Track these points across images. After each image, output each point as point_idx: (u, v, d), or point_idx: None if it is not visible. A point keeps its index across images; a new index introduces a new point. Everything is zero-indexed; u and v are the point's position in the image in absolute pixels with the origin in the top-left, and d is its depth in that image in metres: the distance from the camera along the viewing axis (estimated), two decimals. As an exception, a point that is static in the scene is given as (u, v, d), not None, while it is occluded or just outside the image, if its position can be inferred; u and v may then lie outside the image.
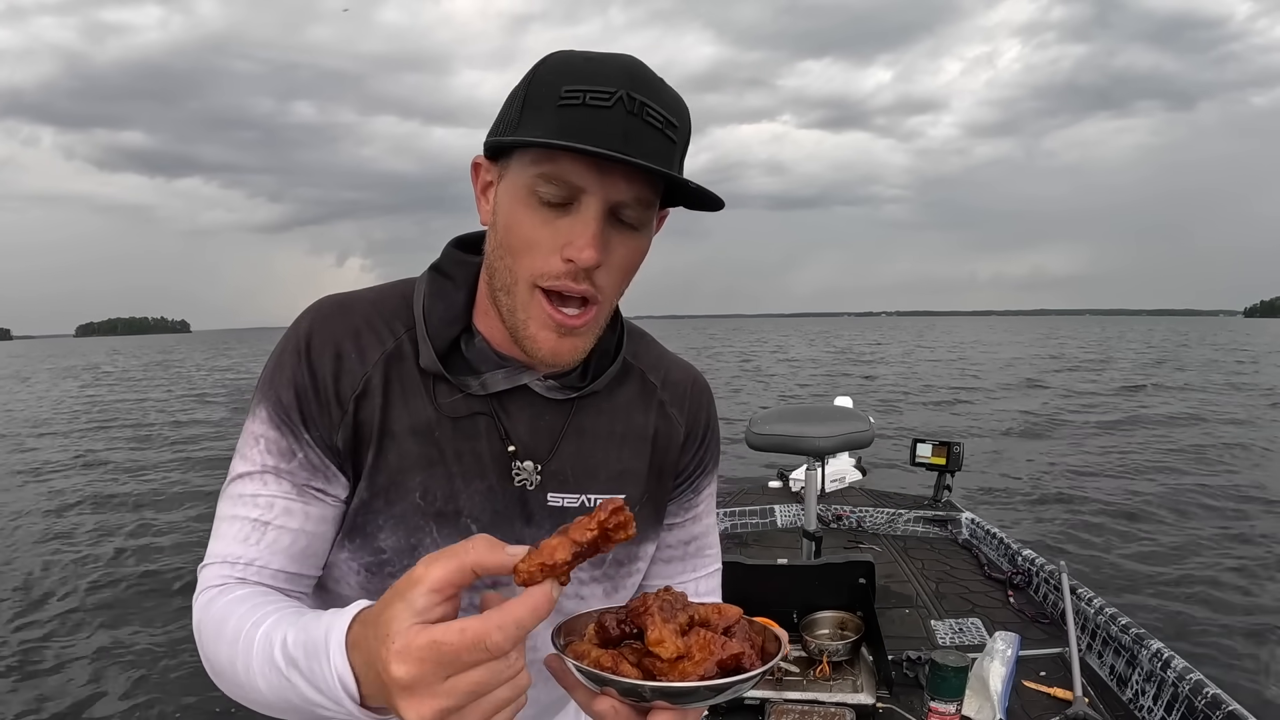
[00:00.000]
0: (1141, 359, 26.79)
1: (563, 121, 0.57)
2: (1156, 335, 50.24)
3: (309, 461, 0.65)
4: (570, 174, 0.58)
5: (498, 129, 0.63)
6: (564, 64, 0.60)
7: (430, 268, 0.71)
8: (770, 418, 2.47)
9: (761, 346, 38.62)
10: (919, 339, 49.85)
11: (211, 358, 37.61)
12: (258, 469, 0.64)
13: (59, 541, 6.04)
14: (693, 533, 0.81)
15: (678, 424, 0.76)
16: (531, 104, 0.59)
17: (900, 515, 3.41)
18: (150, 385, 22.60)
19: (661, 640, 0.45)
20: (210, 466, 8.87)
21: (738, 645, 0.46)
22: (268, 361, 0.68)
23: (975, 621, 2.38)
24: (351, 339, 0.66)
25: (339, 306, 0.68)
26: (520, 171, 0.60)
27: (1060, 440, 10.05)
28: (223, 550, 0.64)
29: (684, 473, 0.78)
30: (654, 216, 0.65)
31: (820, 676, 1.87)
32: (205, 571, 0.65)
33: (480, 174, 0.66)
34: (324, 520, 0.66)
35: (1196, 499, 6.85)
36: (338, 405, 0.65)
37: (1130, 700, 1.88)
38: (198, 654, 0.63)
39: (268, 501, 0.64)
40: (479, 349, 0.69)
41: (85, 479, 8.52)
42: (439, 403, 0.67)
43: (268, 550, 0.64)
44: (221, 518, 0.65)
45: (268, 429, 0.65)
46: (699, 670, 0.44)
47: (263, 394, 0.66)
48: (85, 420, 14.20)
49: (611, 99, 0.57)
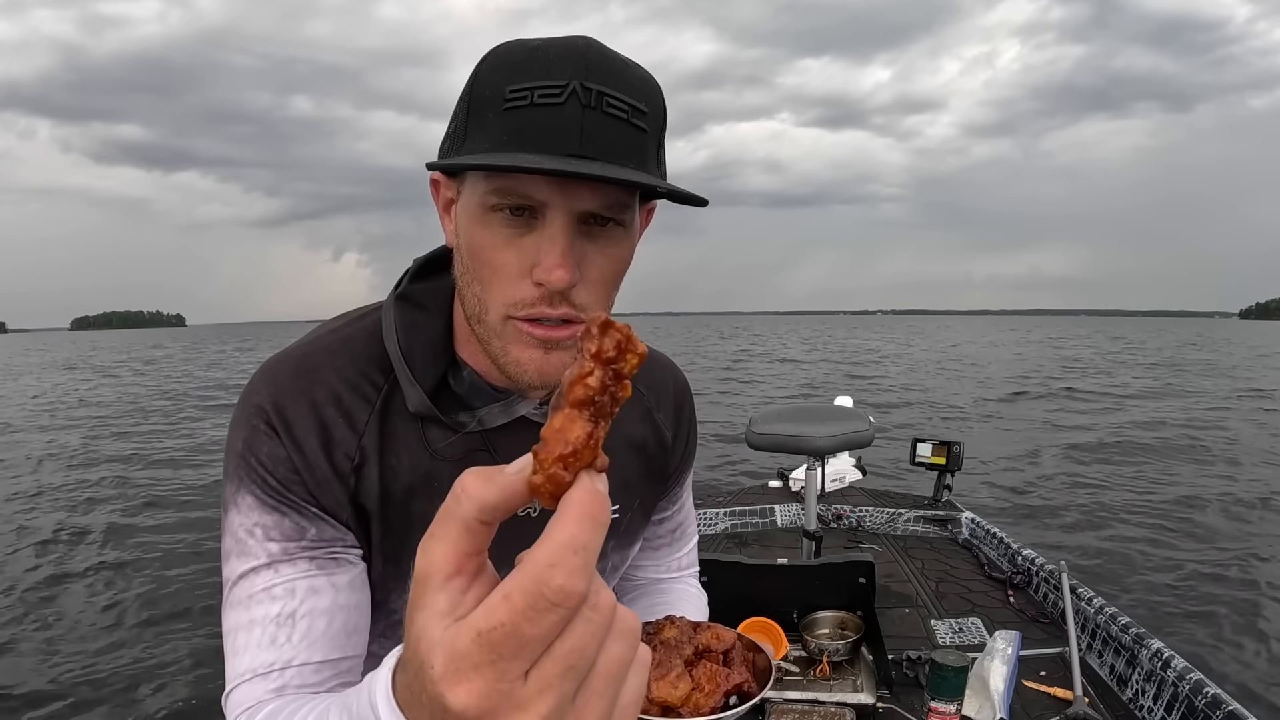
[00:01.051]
0: (1143, 359, 26.78)
1: (509, 127, 0.50)
2: (1156, 337, 50.24)
3: (322, 535, 0.58)
4: (526, 187, 0.51)
5: (446, 142, 0.57)
6: (506, 59, 0.52)
7: (397, 297, 0.64)
8: (770, 417, 2.47)
9: (755, 346, 38.53)
10: (919, 338, 49.81)
11: (192, 356, 36.42)
12: (264, 561, 0.56)
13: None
14: (678, 520, 0.84)
15: (665, 429, 0.76)
16: (475, 111, 0.52)
17: (900, 515, 3.41)
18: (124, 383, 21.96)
19: (666, 698, 0.47)
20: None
21: (739, 675, 0.50)
22: (230, 444, 0.59)
23: (975, 621, 2.38)
24: (333, 405, 0.59)
25: (303, 370, 0.59)
26: (474, 188, 0.54)
27: (1061, 439, 10.04)
28: (248, 664, 0.55)
29: (673, 474, 0.80)
30: (634, 215, 0.57)
31: (820, 676, 1.87)
32: (233, 696, 0.56)
33: (440, 191, 0.60)
34: (354, 586, 0.59)
35: (1198, 498, 6.85)
36: (338, 482, 0.58)
37: (1130, 700, 1.88)
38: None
39: (286, 589, 0.56)
40: (469, 383, 0.63)
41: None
42: (434, 449, 0.61)
43: (303, 644, 0.55)
44: (235, 629, 0.56)
45: (261, 516, 0.57)
46: (710, 702, 0.48)
47: (242, 480, 0.58)
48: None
49: (563, 93, 0.49)
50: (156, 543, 5.64)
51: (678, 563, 0.83)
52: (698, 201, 0.56)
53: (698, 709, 0.47)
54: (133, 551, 5.44)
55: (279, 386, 0.58)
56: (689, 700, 0.48)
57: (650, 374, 0.74)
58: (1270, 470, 8.05)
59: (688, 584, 0.86)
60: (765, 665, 0.54)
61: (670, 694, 0.47)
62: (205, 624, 4.10)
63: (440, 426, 0.61)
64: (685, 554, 0.85)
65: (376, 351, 0.61)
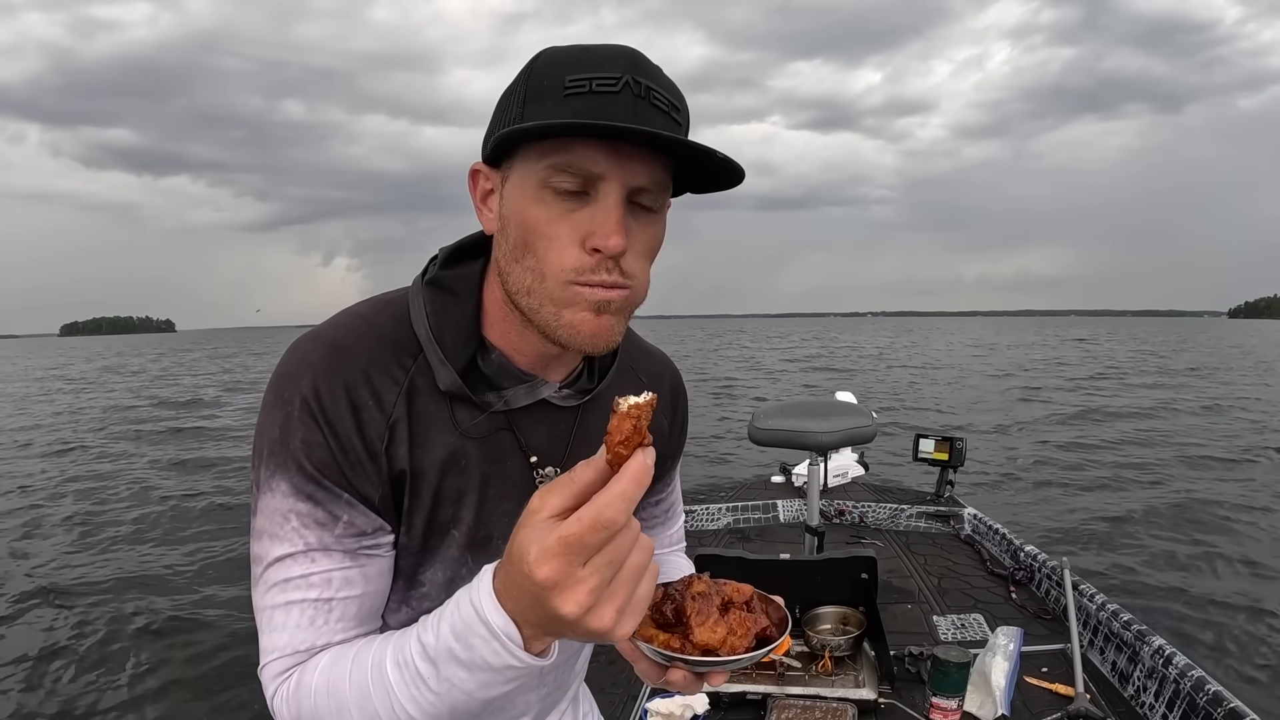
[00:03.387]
0: (1139, 359, 26.72)
1: (572, 109, 0.55)
2: (1154, 338, 49.99)
3: (354, 525, 0.61)
4: (586, 161, 0.55)
5: (489, 133, 0.61)
6: (561, 56, 0.58)
7: (426, 282, 0.67)
8: (772, 413, 2.47)
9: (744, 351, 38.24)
10: (906, 336, 49.67)
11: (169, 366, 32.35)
12: (301, 549, 0.60)
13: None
14: (670, 500, 0.91)
15: (663, 418, 0.82)
16: (533, 98, 0.57)
17: (903, 510, 3.41)
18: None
19: (707, 641, 0.56)
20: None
21: (765, 620, 0.59)
22: (264, 426, 0.61)
23: (977, 617, 2.38)
24: (364, 385, 0.61)
25: (334, 350, 0.62)
26: (529, 167, 0.58)
27: (1063, 437, 10.03)
28: (287, 641, 0.60)
29: (669, 458, 0.86)
30: (668, 200, 0.62)
31: (822, 672, 1.88)
32: (270, 667, 0.61)
33: (479, 182, 0.64)
34: (382, 574, 0.64)
35: (1199, 497, 6.84)
36: (370, 461, 0.61)
37: (1132, 697, 1.88)
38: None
39: (324, 579, 0.60)
40: (498, 364, 0.66)
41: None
42: (462, 427, 0.65)
43: (338, 626, 0.61)
44: (272, 607, 0.60)
45: (296, 503, 0.60)
46: (743, 643, 0.57)
47: (276, 465, 0.60)
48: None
49: (618, 84, 0.56)
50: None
51: (669, 539, 0.91)
52: (732, 176, 0.60)
53: (735, 650, 0.56)
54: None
55: (312, 368, 0.61)
56: (725, 642, 0.56)
57: (649, 368, 0.81)
58: (1270, 471, 8.04)
59: (679, 557, 0.95)
60: (782, 614, 0.61)
61: (710, 637, 0.56)
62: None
63: (468, 406, 0.65)
64: (676, 530, 0.92)
65: (404, 335, 0.64)
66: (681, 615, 0.57)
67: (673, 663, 0.57)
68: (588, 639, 0.48)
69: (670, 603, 0.58)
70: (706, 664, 0.56)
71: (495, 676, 0.51)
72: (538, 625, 0.48)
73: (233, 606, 4.36)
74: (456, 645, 0.50)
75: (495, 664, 0.50)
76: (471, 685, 0.51)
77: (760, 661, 1.97)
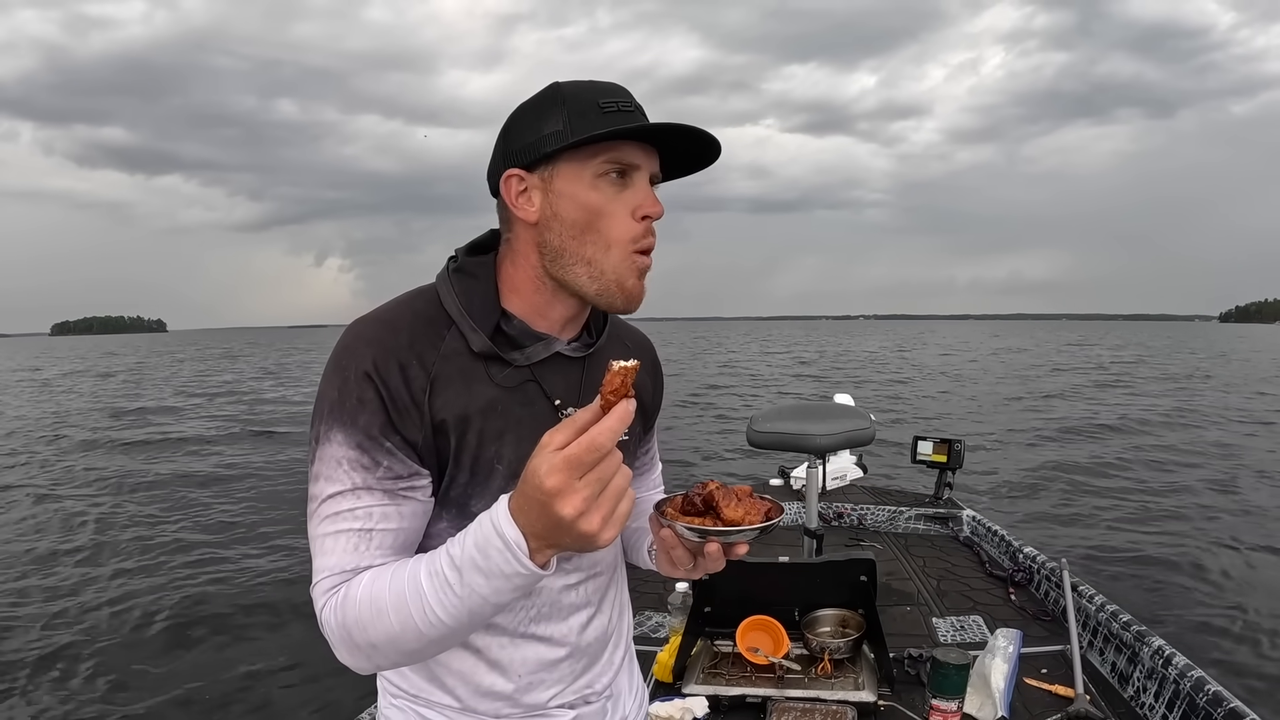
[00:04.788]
0: (1135, 365, 26.76)
1: (612, 122, 0.74)
2: (1152, 342, 50.03)
3: (393, 470, 0.74)
4: (629, 156, 0.77)
5: (532, 146, 0.77)
6: (581, 87, 0.78)
7: (452, 271, 0.82)
8: (771, 415, 2.47)
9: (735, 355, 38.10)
10: (911, 340, 49.70)
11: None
12: (348, 487, 0.73)
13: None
14: (653, 449, 1.08)
15: (645, 376, 0.97)
16: (576, 115, 0.75)
17: (901, 513, 3.41)
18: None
19: (733, 518, 0.73)
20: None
21: (767, 504, 0.75)
22: (324, 391, 0.76)
23: (977, 619, 2.38)
24: (409, 349, 0.76)
25: (384, 325, 0.78)
26: (581, 165, 0.76)
27: (1062, 437, 10.05)
28: (335, 563, 0.73)
29: (653, 413, 1.02)
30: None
31: (822, 674, 1.87)
32: (321, 585, 0.73)
33: (513, 184, 0.79)
34: (415, 515, 0.77)
35: (1198, 497, 6.85)
36: (415, 409, 0.75)
37: (1132, 698, 1.88)
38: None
39: (366, 513, 0.73)
40: (518, 326, 0.82)
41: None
42: (496, 380, 0.79)
43: (377, 552, 0.73)
44: (323, 535, 0.74)
45: (347, 451, 0.73)
46: (757, 520, 0.73)
47: (334, 419, 0.74)
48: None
49: (633, 106, 0.77)
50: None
51: (652, 482, 1.08)
52: (711, 154, 0.81)
53: (752, 523, 0.72)
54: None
55: (366, 341, 0.76)
56: (745, 519, 0.73)
57: (634, 339, 1.00)
58: (1271, 470, 8.05)
59: (660, 495, 1.12)
60: (777, 503, 0.76)
61: (734, 514, 0.73)
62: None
63: (498, 363, 0.80)
64: (656, 475, 1.10)
65: (437, 312, 0.80)
66: (711, 502, 0.74)
67: (707, 537, 0.72)
68: (580, 543, 0.60)
69: (699, 495, 0.75)
70: (735, 533, 0.71)
71: (505, 583, 0.63)
72: (543, 536, 0.60)
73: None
74: (477, 555, 0.63)
75: (506, 571, 0.62)
76: (487, 590, 0.64)
77: (760, 664, 1.98)
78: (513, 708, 0.85)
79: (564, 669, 0.88)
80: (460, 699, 0.84)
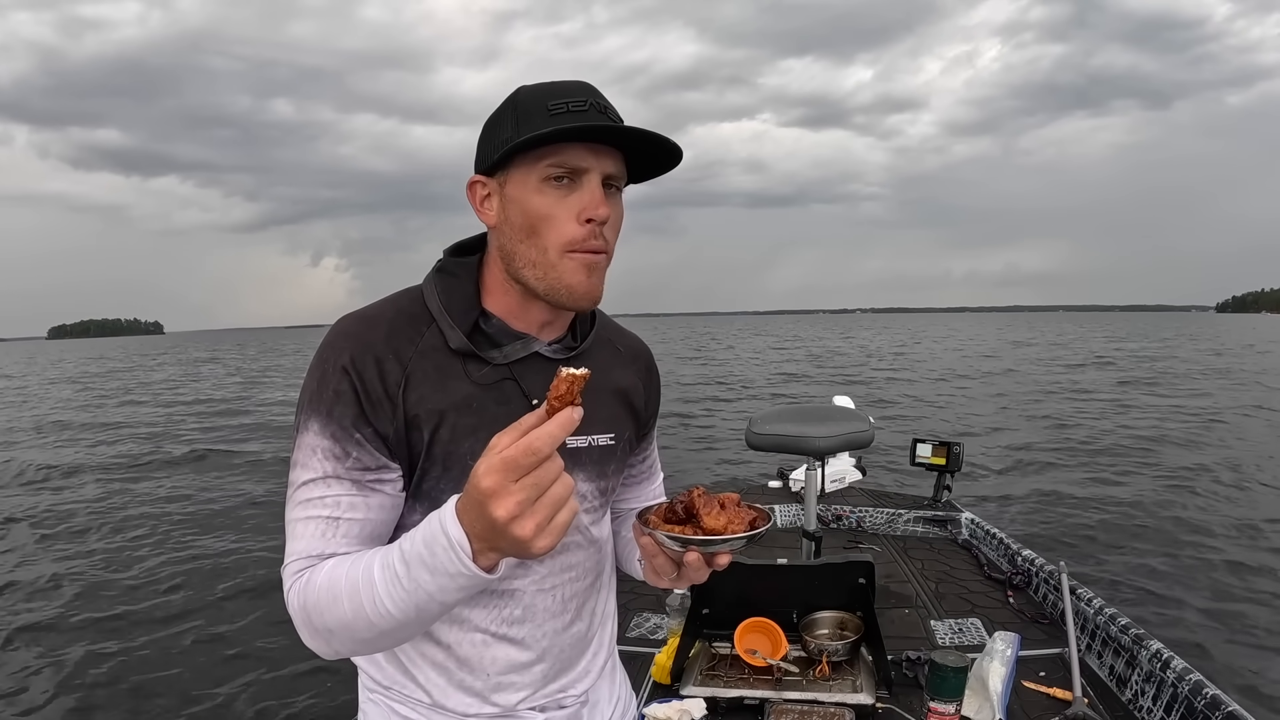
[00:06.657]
0: (1133, 356, 26.75)
1: (558, 124, 0.73)
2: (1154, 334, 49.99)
3: (361, 462, 0.76)
4: (574, 158, 0.75)
5: (489, 152, 0.78)
6: (536, 90, 0.77)
7: (435, 271, 0.84)
8: (770, 418, 2.47)
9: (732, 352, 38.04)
10: (908, 337, 49.66)
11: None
12: (319, 475, 0.75)
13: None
14: (652, 458, 1.07)
15: (639, 381, 0.97)
16: (523, 119, 0.75)
17: (900, 515, 3.41)
18: None
19: (713, 527, 0.72)
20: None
21: (753, 513, 0.74)
22: (306, 383, 0.79)
23: (975, 621, 2.38)
24: (386, 344, 0.78)
25: (365, 322, 0.80)
26: (528, 170, 0.76)
27: (1061, 439, 10.04)
28: (304, 548, 0.75)
29: (647, 416, 1.00)
30: (623, 187, 0.82)
31: (820, 677, 1.88)
32: (290, 567, 0.75)
33: (477, 190, 0.81)
34: (384, 507, 0.78)
35: (1197, 498, 6.85)
36: (388, 401, 0.76)
37: (1130, 701, 1.88)
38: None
39: (334, 501, 0.75)
40: (497, 326, 0.83)
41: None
42: (473, 377, 0.80)
43: (343, 540, 0.75)
44: (295, 520, 0.76)
45: (321, 440, 0.75)
46: (740, 529, 0.72)
47: (313, 410, 0.76)
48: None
49: (586, 104, 0.75)
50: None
51: (652, 493, 1.07)
52: (672, 159, 0.80)
53: (735, 532, 0.71)
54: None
55: (346, 335, 0.78)
56: (728, 528, 0.72)
57: (625, 342, 0.98)
58: (1271, 469, 8.05)
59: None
60: (764, 512, 0.76)
61: (716, 523, 0.72)
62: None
63: (476, 361, 0.81)
64: (657, 486, 1.08)
65: (419, 310, 0.81)
66: (692, 510, 0.73)
67: (688, 546, 0.71)
68: (515, 549, 0.59)
69: (680, 503, 0.74)
70: (715, 542, 0.71)
71: (450, 582, 0.63)
72: (483, 538, 0.60)
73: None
74: (425, 552, 0.63)
75: (450, 570, 0.62)
76: (433, 588, 0.64)
77: (758, 666, 1.97)
78: (483, 706, 0.86)
79: (535, 672, 0.88)
80: (431, 695, 0.85)
